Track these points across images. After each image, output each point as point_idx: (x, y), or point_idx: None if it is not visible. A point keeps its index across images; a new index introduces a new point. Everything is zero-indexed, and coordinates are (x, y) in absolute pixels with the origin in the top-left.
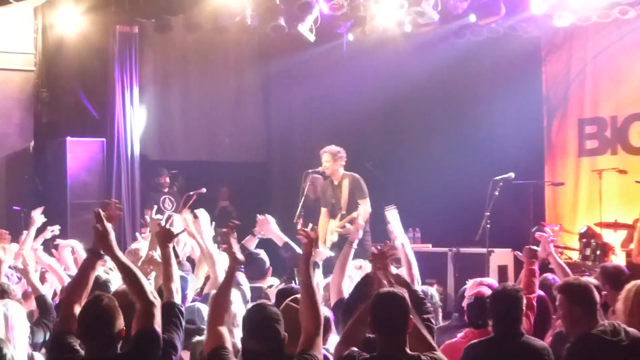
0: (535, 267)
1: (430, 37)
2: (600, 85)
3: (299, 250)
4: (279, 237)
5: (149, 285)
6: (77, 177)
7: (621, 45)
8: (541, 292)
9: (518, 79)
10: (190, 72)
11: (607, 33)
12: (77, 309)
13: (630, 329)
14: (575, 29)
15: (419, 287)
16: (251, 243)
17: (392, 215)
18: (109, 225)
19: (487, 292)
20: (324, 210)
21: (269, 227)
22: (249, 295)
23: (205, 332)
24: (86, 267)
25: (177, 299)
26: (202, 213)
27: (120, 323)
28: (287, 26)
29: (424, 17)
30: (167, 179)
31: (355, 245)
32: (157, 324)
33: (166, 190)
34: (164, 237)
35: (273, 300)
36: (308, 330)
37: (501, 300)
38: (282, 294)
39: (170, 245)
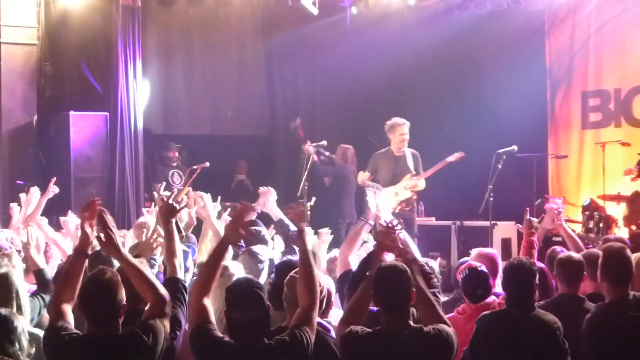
0: (534, 238)
1: (433, 10)
2: (603, 57)
3: (292, 227)
4: (274, 212)
5: (158, 282)
6: (80, 151)
7: (625, 18)
8: (541, 264)
9: (521, 51)
10: (193, 46)
11: (610, 5)
12: (67, 308)
13: None
14: (578, 1)
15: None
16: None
17: (370, 196)
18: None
19: (476, 264)
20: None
21: (269, 199)
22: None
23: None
24: (75, 267)
25: (180, 274)
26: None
27: (122, 298)
28: None
29: None
30: (176, 153)
31: (371, 222)
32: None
33: (175, 164)
34: (167, 212)
35: None
36: (303, 304)
37: (516, 273)
38: (281, 267)
39: (174, 221)
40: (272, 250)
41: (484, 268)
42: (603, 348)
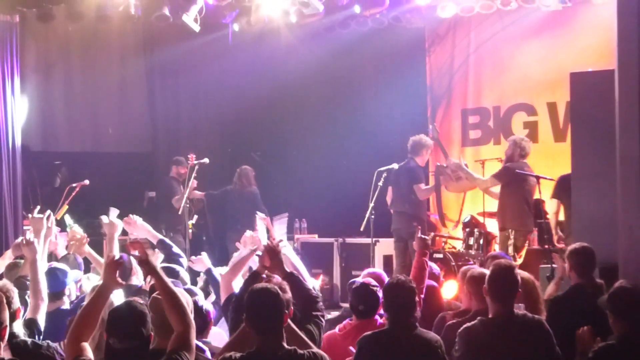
0: (426, 257)
1: (315, 27)
2: (483, 75)
3: (175, 250)
4: (153, 235)
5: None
6: None
7: (503, 36)
8: (431, 282)
9: (402, 69)
10: (73, 62)
11: (489, 24)
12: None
13: None
14: (458, 20)
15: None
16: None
17: (260, 224)
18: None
19: (373, 282)
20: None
21: (137, 226)
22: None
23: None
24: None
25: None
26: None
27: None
28: (171, 16)
29: (309, 8)
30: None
31: (258, 253)
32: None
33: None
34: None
35: None
36: (177, 330)
37: (395, 292)
38: (152, 289)
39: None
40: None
41: (377, 288)
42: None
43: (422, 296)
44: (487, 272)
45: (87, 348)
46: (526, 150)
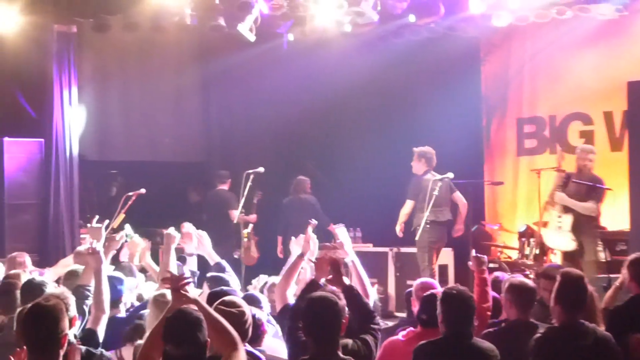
0: (486, 274)
1: (370, 36)
2: (538, 84)
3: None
4: (210, 255)
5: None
6: (14, 178)
7: (559, 45)
8: (495, 294)
9: (457, 78)
10: (129, 72)
11: (545, 33)
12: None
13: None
14: (513, 29)
15: (372, 296)
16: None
17: (342, 232)
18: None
19: (439, 292)
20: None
21: (196, 243)
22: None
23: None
24: None
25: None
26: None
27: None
28: (226, 26)
29: (364, 17)
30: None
31: (307, 258)
32: None
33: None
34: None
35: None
36: (225, 352)
37: (452, 301)
38: (212, 297)
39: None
40: None
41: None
42: None
43: (489, 313)
44: (529, 281)
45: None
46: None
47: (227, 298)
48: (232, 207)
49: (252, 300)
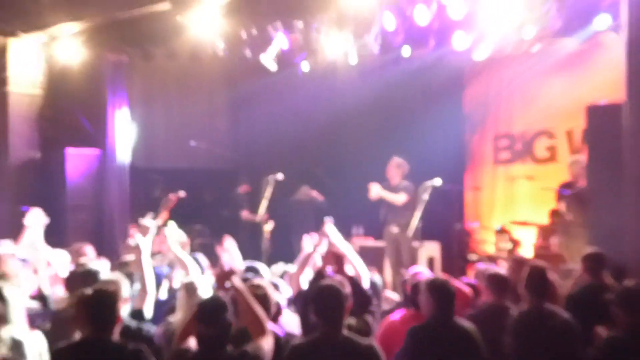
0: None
1: (371, 65)
2: (511, 106)
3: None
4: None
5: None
6: (75, 183)
7: (529, 74)
8: (475, 281)
9: (444, 100)
10: (170, 94)
11: (518, 63)
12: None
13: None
14: (491, 60)
15: (367, 278)
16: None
17: (330, 228)
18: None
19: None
20: None
21: (229, 252)
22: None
23: None
24: None
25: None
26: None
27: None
28: (251, 56)
29: (366, 50)
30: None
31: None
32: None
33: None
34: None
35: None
36: (254, 333)
37: (437, 290)
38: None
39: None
40: None
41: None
42: (522, 348)
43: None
44: (503, 271)
45: (192, 340)
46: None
47: (255, 282)
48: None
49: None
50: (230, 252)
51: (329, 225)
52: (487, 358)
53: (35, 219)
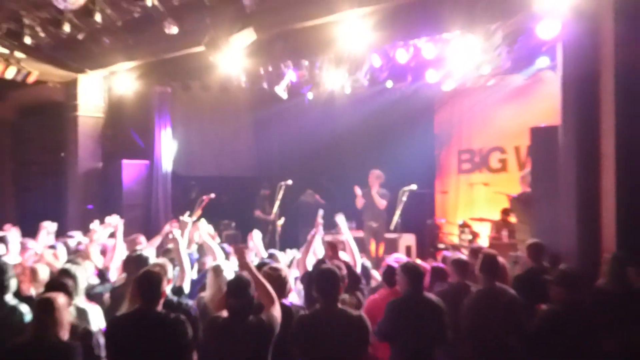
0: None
1: (362, 95)
2: (472, 127)
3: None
4: (261, 250)
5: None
6: (129, 187)
7: (486, 102)
8: (443, 265)
9: (419, 123)
10: (204, 117)
11: (478, 92)
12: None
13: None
14: (457, 91)
15: (359, 263)
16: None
17: (341, 219)
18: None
19: (393, 263)
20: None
21: (252, 240)
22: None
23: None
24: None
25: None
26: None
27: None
28: (268, 88)
29: (358, 83)
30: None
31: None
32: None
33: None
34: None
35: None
36: (266, 303)
37: (411, 271)
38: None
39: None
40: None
41: (396, 265)
42: (477, 319)
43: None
44: (465, 257)
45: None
46: None
47: (273, 265)
48: (262, 207)
49: None
50: (255, 242)
51: (340, 217)
52: (451, 324)
53: (115, 220)
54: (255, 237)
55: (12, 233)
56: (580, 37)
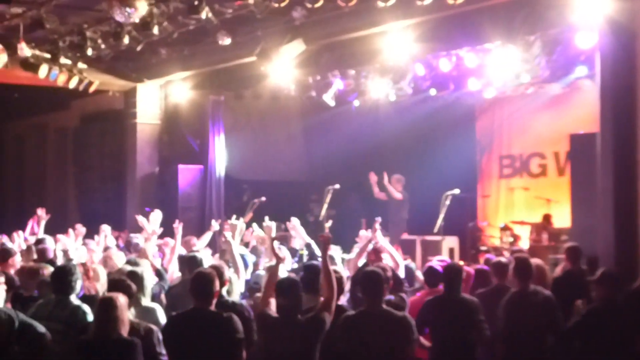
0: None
1: (406, 103)
2: (512, 133)
3: (317, 252)
4: (304, 237)
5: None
6: (184, 190)
7: (526, 108)
8: (486, 267)
9: (461, 129)
10: (255, 124)
11: (517, 100)
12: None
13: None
14: (497, 99)
15: (402, 265)
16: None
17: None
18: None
19: (436, 265)
20: None
21: (295, 229)
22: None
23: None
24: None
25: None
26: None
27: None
28: (316, 96)
29: (402, 91)
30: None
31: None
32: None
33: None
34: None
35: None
36: (325, 295)
37: (451, 272)
38: (309, 267)
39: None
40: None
41: (438, 268)
42: (511, 319)
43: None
44: (505, 260)
45: (273, 303)
46: None
47: (334, 268)
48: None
49: None
50: (296, 228)
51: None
52: (488, 324)
53: (157, 218)
54: (296, 224)
55: (77, 231)
56: (617, 47)
